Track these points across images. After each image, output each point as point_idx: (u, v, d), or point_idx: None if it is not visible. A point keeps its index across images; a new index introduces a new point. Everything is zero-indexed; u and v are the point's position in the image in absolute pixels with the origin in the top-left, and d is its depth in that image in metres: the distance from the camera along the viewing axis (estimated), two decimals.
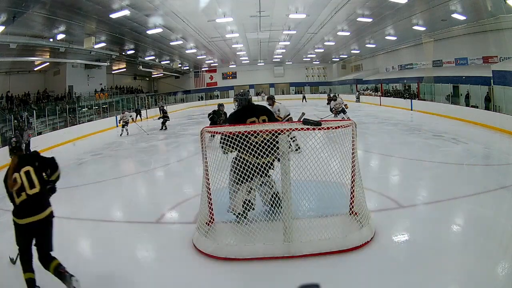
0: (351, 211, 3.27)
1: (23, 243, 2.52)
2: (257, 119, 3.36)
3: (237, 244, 2.85)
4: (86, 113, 17.46)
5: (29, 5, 9.93)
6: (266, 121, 3.36)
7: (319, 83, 33.62)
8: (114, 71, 24.85)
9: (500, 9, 11.73)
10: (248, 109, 3.49)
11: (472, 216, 3.64)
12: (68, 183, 6.18)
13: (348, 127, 3.10)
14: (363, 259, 2.73)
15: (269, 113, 3.55)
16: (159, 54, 22.16)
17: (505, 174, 5.20)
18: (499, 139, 8.44)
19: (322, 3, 13.29)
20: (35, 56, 15.07)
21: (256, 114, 3.40)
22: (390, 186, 4.96)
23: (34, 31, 12.23)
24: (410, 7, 13.09)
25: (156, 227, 3.72)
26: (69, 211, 4.49)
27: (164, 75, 31.96)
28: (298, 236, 2.86)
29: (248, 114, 3.40)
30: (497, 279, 2.46)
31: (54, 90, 19.00)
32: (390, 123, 12.08)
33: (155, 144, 10.38)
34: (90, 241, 3.60)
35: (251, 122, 3.30)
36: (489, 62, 14.47)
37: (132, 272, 2.79)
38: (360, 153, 4.10)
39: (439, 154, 6.61)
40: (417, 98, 17.33)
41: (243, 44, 21.82)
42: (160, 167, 7.23)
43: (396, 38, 18.80)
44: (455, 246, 2.95)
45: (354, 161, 3.18)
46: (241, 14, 14.10)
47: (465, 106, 12.94)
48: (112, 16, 12.06)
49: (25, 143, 8.78)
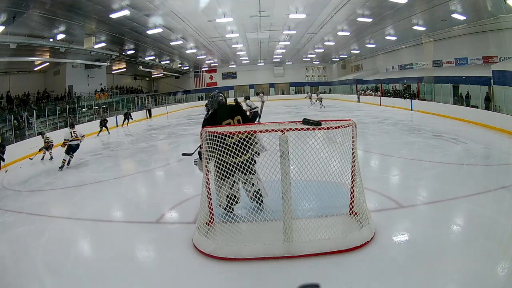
0: (351, 211, 3.27)
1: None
2: (232, 120, 3.41)
3: (237, 244, 2.85)
4: (86, 113, 17.46)
5: (29, 5, 9.93)
6: (240, 121, 3.42)
7: (319, 83, 33.61)
8: (114, 71, 24.85)
9: (500, 9, 11.73)
10: (221, 111, 3.47)
11: (472, 216, 3.63)
12: (68, 183, 6.19)
13: (348, 127, 3.10)
14: (363, 259, 2.72)
15: (242, 112, 3.57)
16: (159, 54, 22.16)
17: (505, 174, 5.20)
18: (499, 139, 8.44)
19: (322, 3, 13.28)
20: (35, 56, 15.07)
21: (230, 115, 3.42)
22: (390, 186, 4.96)
23: (34, 31, 12.23)
24: (410, 7, 13.08)
25: (156, 227, 3.72)
26: (69, 211, 4.51)
27: (164, 75, 31.96)
28: (298, 236, 2.86)
29: (222, 116, 3.41)
30: (497, 279, 2.46)
31: (54, 90, 18.99)
32: (390, 123, 12.07)
33: (155, 144, 10.38)
34: (89, 241, 3.59)
35: (226, 124, 3.35)
36: (489, 62, 14.47)
37: (132, 272, 2.79)
38: (360, 153, 4.10)
39: (439, 154, 6.61)
40: (417, 98, 17.33)
41: (243, 44, 21.82)
42: (160, 167, 7.22)
43: (396, 38, 18.80)
44: (455, 246, 2.95)
45: (354, 161, 3.18)
46: (241, 14, 14.10)
47: (465, 106, 12.94)
48: (112, 16, 12.06)
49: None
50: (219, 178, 3.26)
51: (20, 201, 5.23)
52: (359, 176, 3.22)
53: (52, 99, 18.26)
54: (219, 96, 3.52)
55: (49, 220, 4.17)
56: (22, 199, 5.36)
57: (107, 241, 3.45)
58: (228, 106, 3.56)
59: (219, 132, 2.98)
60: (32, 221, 4.20)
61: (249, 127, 3.02)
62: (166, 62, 25.61)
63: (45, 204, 5.03)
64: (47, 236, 3.63)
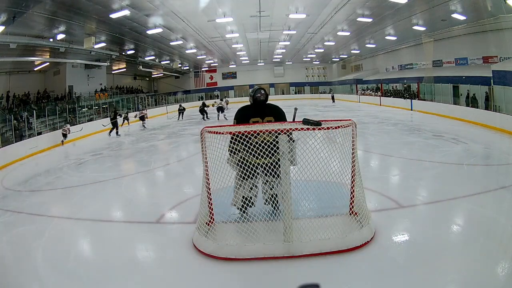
0: (351, 211, 3.26)
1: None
2: (261, 119, 3.27)
3: (237, 244, 2.85)
4: (86, 113, 17.46)
5: (29, 5, 9.93)
6: (271, 122, 3.24)
7: (319, 83, 33.61)
8: (114, 71, 24.84)
9: (500, 9, 11.73)
10: (256, 107, 3.34)
11: (472, 216, 3.63)
12: (68, 183, 6.19)
13: (348, 127, 3.10)
14: (363, 259, 2.72)
15: (278, 114, 3.36)
16: (159, 54, 22.16)
17: (505, 174, 5.20)
18: (499, 139, 8.44)
19: (322, 3, 13.28)
20: (35, 56, 15.06)
21: (262, 114, 3.29)
22: (390, 186, 4.96)
23: (34, 31, 12.22)
24: (410, 7, 13.08)
25: (156, 227, 3.72)
26: (69, 211, 4.51)
27: (164, 75, 31.95)
28: (298, 236, 2.86)
29: (253, 113, 3.30)
30: (497, 279, 2.46)
31: (54, 90, 18.99)
32: (390, 123, 12.08)
33: (155, 144, 10.38)
34: (90, 241, 3.59)
35: (254, 121, 3.23)
36: (489, 62, 14.46)
37: (132, 272, 2.79)
38: (360, 153, 4.10)
39: (439, 154, 6.61)
40: (417, 98, 17.33)
41: (243, 44, 21.81)
42: (160, 167, 7.22)
43: (396, 38, 18.80)
44: (455, 246, 2.95)
45: (354, 161, 3.18)
46: (241, 14, 14.10)
47: (465, 106, 12.93)
48: (112, 16, 12.05)
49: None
50: (240, 177, 3.21)
51: (20, 201, 5.24)
52: (359, 176, 3.22)
53: (52, 99, 18.26)
54: (257, 92, 3.33)
55: (49, 220, 4.17)
56: (22, 199, 5.36)
57: (107, 241, 3.45)
58: (264, 105, 3.36)
59: (219, 132, 2.96)
60: (32, 221, 4.20)
61: (249, 127, 2.98)
62: (166, 62, 25.61)
63: (45, 204, 5.03)
64: (47, 236, 3.63)
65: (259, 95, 3.32)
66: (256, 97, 3.32)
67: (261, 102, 3.34)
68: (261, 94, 3.33)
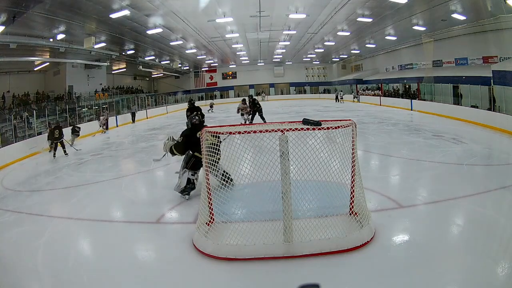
0: (351, 211, 3.27)
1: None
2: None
3: (237, 244, 2.85)
4: (86, 113, 17.46)
5: (29, 5, 9.93)
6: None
7: (319, 83, 33.59)
8: (114, 71, 24.85)
9: (500, 9, 11.72)
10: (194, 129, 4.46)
11: (472, 216, 3.63)
12: (68, 183, 6.19)
13: (348, 127, 3.10)
14: (363, 259, 2.73)
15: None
16: (159, 54, 22.16)
17: (505, 174, 5.19)
18: (499, 139, 8.44)
19: (322, 3, 13.28)
20: (35, 56, 15.08)
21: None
22: (390, 186, 4.96)
23: (34, 31, 12.23)
24: (410, 7, 13.08)
25: (156, 227, 3.72)
26: (69, 211, 4.51)
27: (164, 75, 31.95)
28: (298, 236, 2.86)
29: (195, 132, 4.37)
30: (497, 279, 2.46)
31: (54, 90, 19.00)
32: (390, 123, 12.07)
33: (155, 144, 10.37)
34: (90, 241, 3.59)
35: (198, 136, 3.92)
36: (489, 62, 14.45)
37: (132, 272, 2.79)
38: (360, 153, 4.10)
39: (439, 154, 6.60)
40: (417, 98, 17.33)
41: (243, 44, 21.81)
42: (160, 167, 7.21)
43: (396, 38, 18.80)
44: (455, 246, 2.95)
45: (354, 161, 3.18)
46: (241, 14, 14.10)
47: (465, 106, 12.93)
48: (112, 16, 12.06)
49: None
50: (190, 170, 4.47)
51: (20, 201, 5.23)
52: (359, 176, 3.22)
53: (52, 99, 18.26)
54: (192, 119, 4.65)
55: (49, 220, 4.17)
56: (22, 199, 5.36)
57: (107, 241, 3.45)
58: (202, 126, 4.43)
59: (219, 132, 2.98)
60: (32, 221, 4.21)
61: (249, 127, 3.01)
62: (166, 62, 25.61)
63: (45, 204, 5.02)
64: (47, 236, 3.63)
65: (194, 120, 4.60)
66: (192, 122, 4.59)
67: (197, 125, 4.51)
68: (196, 120, 4.62)
